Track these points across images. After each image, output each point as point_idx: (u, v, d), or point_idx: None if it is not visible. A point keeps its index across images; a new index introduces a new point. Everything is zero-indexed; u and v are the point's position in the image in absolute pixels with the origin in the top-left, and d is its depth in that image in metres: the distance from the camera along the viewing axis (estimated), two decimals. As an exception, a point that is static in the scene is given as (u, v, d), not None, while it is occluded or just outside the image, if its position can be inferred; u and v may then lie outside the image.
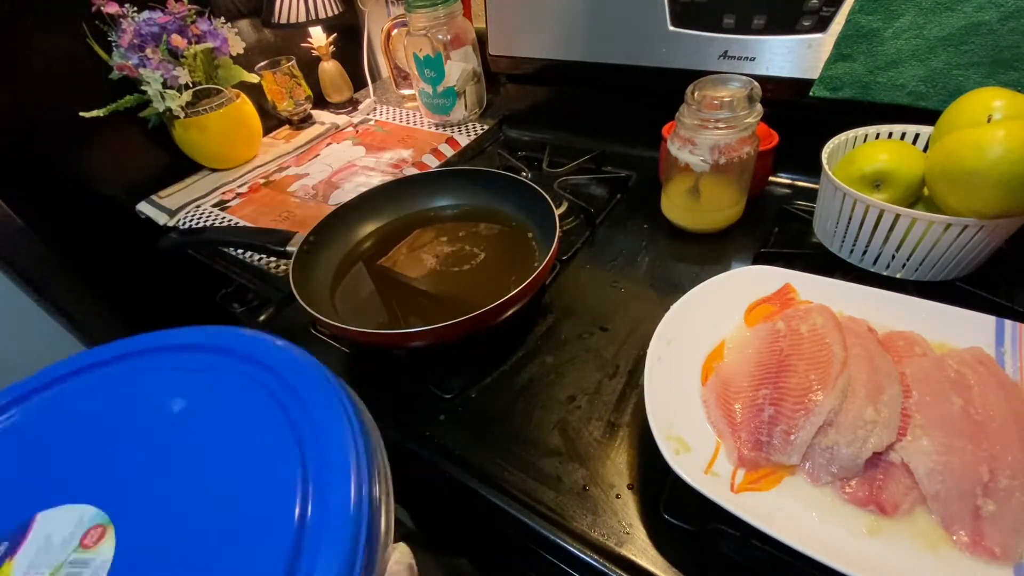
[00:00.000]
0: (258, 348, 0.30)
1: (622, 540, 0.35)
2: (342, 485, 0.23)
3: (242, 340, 0.31)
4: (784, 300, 0.44)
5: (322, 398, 0.27)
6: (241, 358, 0.30)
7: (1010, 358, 0.37)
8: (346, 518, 0.22)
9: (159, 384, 0.30)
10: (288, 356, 0.30)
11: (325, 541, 0.21)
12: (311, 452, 0.24)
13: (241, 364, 0.29)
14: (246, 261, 0.68)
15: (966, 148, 0.39)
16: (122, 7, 0.74)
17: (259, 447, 0.25)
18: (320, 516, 0.22)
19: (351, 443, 0.24)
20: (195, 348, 0.31)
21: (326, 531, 0.21)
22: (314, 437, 0.25)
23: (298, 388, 0.27)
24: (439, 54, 0.82)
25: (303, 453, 0.24)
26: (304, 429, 0.25)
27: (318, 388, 0.27)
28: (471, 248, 0.59)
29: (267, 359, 0.29)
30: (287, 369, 0.29)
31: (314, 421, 0.25)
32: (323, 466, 0.24)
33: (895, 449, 0.33)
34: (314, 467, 0.24)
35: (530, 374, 0.47)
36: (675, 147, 0.55)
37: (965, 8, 0.47)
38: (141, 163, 0.86)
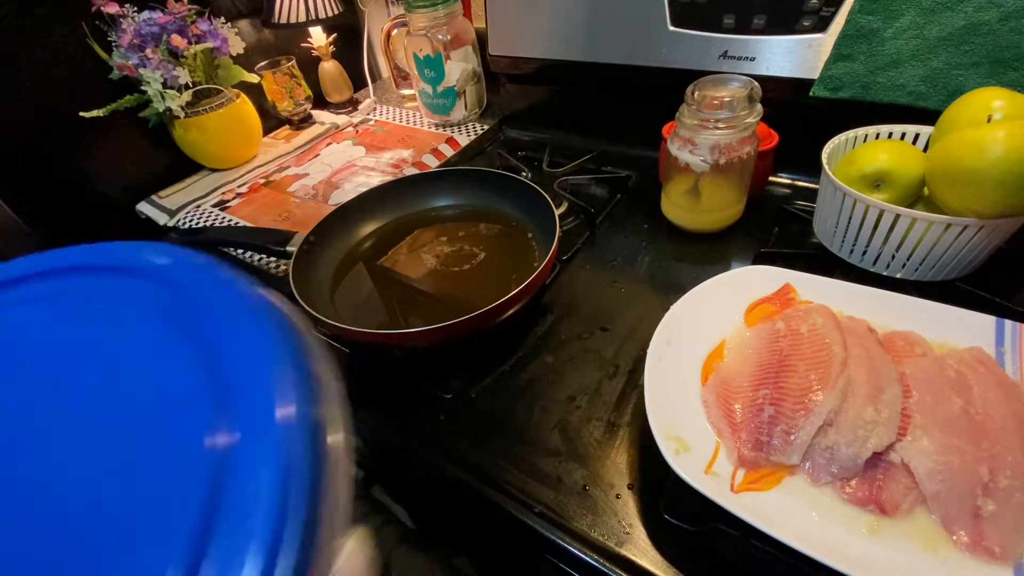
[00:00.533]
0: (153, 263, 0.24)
1: (622, 540, 0.35)
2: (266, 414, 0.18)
3: (122, 254, 0.25)
4: (784, 300, 0.44)
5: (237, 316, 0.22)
6: (136, 276, 0.24)
7: (1010, 358, 0.37)
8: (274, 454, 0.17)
9: (34, 316, 0.24)
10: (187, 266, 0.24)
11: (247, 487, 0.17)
12: (229, 376, 0.19)
13: (129, 281, 0.24)
14: (246, 261, 0.68)
15: (966, 148, 0.39)
16: (122, 7, 0.74)
17: (163, 375, 0.20)
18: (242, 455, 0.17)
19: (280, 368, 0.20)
20: (69, 271, 0.25)
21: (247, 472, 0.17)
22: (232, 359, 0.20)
23: (207, 304, 0.22)
24: (439, 54, 0.82)
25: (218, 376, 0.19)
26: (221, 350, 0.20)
27: (233, 305, 0.22)
28: (471, 248, 0.59)
29: (168, 274, 0.24)
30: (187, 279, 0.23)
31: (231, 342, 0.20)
32: (242, 393, 0.19)
33: (895, 449, 0.33)
34: (234, 392, 0.19)
35: (530, 374, 0.47)
36: (675, 147, 0.55)
37: (965, 8, 0.47)
38: (141, 163, 0.86)
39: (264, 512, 0.16)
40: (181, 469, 0.17)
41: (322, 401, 0.20)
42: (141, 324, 0.22)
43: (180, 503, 0.17)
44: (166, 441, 0.18)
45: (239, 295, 0.23)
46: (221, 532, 0.16)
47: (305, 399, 0.19)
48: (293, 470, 0.17)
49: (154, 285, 0.23)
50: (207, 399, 0.19)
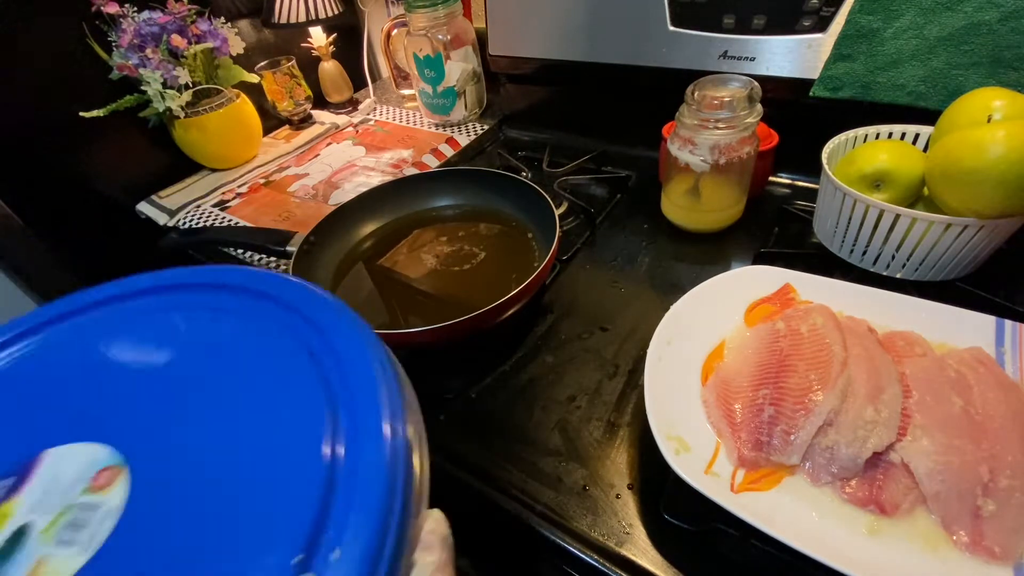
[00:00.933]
0: (285, 290, 0.28)
1: (622, 540, 0.35)
2: (375, 431, 0.21)
3: (259, 279, 0.29)
4: (784, 300, 0.44)
5: (353, 343, 0.25)
6: (266, 299, 0.28)
7: (1010, 358, 0.37)
8: (380, 464, 0.20)
9: (182, 323, 0.28)
10: (315, 297, 0.27)
11: (357, 489, 0.19)
12: (342, 398, 0.22)
13: (266, 305, 0.27)
14: (246, 261, 0.68)
15: (966, 148, 0.39)
16: (122, 7, 0.74)
17: (285, 391, 0.24)
18: (352, 463, 0.20)
19: (384, 391, 0.23)
20: (221, 288, 0.29)
21: (357, 479, 0.19)
22: (345, 384, 0.23)
23: (327, 331, 0.25)
24: (439, 54, 0.82)
25: (333, 399, 0.22)
26: (334, 376, 0.23)
27: (349, 333, 0.25)
28: (471, 248, 0.59)
29: (293, 300, 0.27)
30: (314, 311, 0.26)
31: (345, 368, 0.23)
32: (354, 412, 0.22)
33: (895, 449, 0.33)
34: (345, 414, 0.22)
35: (530, 374, 0.47)
36: (675, 147, 0.55)
37: (965, 8, 0.47)
38: (141, 163, 0.86)
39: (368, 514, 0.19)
40: (302, 472, 0.20)
41: (411, 421, 0.23)
42: (275, 343, 0.26)
43: (298, 505, 0.19)
44: (290, 448, 0.21)
45: (357, 328, 0.26)
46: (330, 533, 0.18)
47: (401, 419, 0.22)
48: (393, 479, 0.20)
49: (285, 311, 0.27)
50: (325, 414, 0.22)
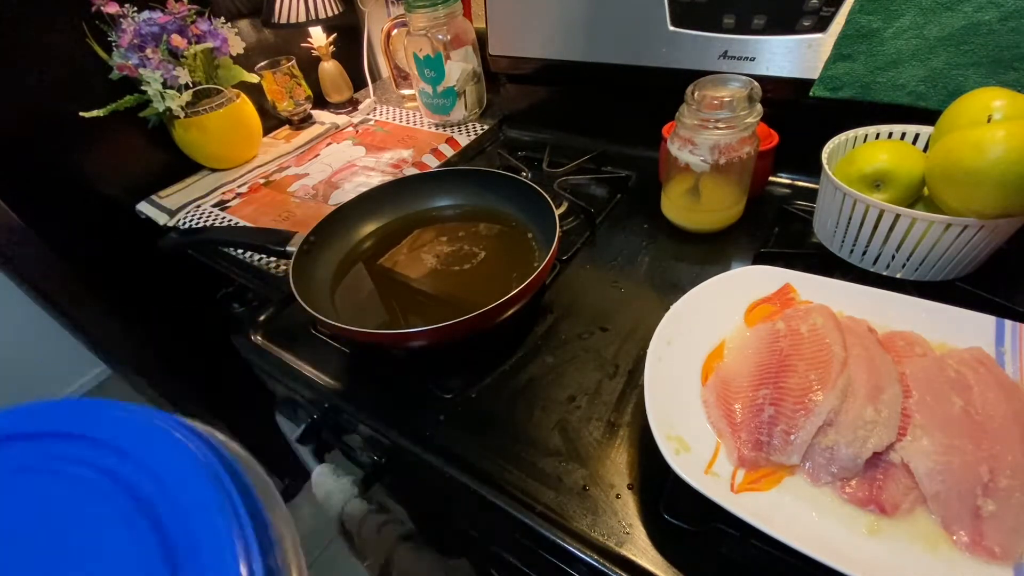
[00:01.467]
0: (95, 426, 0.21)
1: (622, 540, 0.35)
2: None
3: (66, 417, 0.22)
4: (784, 300, 0.44)
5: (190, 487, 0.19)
6: (72, 441, 0.21)
7: (1010, 358, 0.37)
8: None
9: None
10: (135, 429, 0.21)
11: None
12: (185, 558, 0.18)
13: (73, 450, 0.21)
14: (246, 261, 0.68)
15: (966, 148, 0.39)
16: (122, 7, 0.74)
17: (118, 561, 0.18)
18: None
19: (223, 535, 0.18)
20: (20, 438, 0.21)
21: None
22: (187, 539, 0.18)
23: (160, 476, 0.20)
24: (439, 54, 0.82)
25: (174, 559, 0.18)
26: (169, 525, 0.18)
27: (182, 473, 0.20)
28: (471, 248, 0.59)
29: (108, 438, 0.21)
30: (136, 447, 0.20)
31: (184, 519, 0.18)
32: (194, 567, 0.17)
33: (895, 449, 0.33)
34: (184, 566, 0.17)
35: (530, 374, 0.47)
36: (675, 147, 0.55)
37: (965, 8, 0.47)
38: (141, 163, 0.86)
39: None
40: None
41: (277, 550, 0.19)
42: (93, 497, 0.20)
43: None
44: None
45: (180, 452, 0.20)
46: None
47: (260, 554, 0.18)
48: None
49: (100, 451, 0.20)
50: None
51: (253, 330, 0.57)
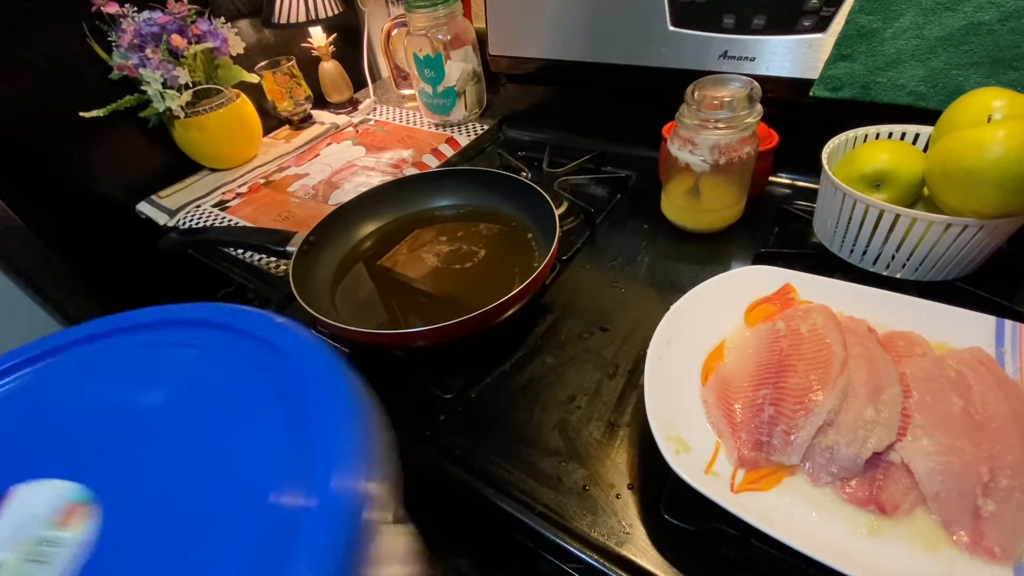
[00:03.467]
0: (261, 326, 0.28)
1: (622, 540, 0.35)
2: (334, 475, 0.21)
3: (245, 318, 0.29)
4: (784, 300, 0.44)
5: (328, 385, 0.25)
6: (243, 335, 0.28)
7: (1010, 358, 0.37)
8: (334, 510, 0.20)
9: (155, 360, 0.28)
10: (290, 335, 0.28)
11: (310, 541, 0.19)
12: (308, 436, 0.23)
13: (243, 342, 0.28)
14: (246, 261, 0.68)
15: (966, 148, 0.39)
16: (122, 7, 0.74)
17: (256, 431, 0.24)
18: (307, 517, 0.20)
19: (352, 431, 0.23)
20: (195, 324, 0.29)
21: (313, 530, 0.20)
22: (313, 422, 0.23)
23: (308, 376, 0.25)
24: (439, 54, 0.82)
25: (299, 436, 0.23)
26: (304, 412, 0.24)
27: (324, 374, 0.26)
28: (471, 248, 0.59)
29: (271, 338, 0.28)
30: (290, 347, 0.27)
31: (314, 405, 0.24)
32: (321, 459, 0.22)
33: (895, 449, 0.33)
34: (310, 453, 0.22)
35: (530, 374, 0.47)
36: (675, 147, 0.55)
37: (965, 8, 0.47)
38: (141, 163, 0.86)
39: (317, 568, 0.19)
40: (259, 519, 0.21)
41: (378, 477, 0.23)
42: (251, 378, 0.26)
43: (245, 555, 0.20)
44: (252, 493, 0.22)
45: (334, 371, 0.27)
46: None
47: (366, 477, 0.22)
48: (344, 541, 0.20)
49: (265, 348, 0.27)
50: (290, 461, 0.22)
51: (253, 330, 0.57)
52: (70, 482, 0.23)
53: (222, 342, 0.28)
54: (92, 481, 0.23)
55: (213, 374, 0.27)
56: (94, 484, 0.23)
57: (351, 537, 0.20)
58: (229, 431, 0.24)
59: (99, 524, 0.22)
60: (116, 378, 0.28)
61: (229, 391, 0.26)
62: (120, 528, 0.21)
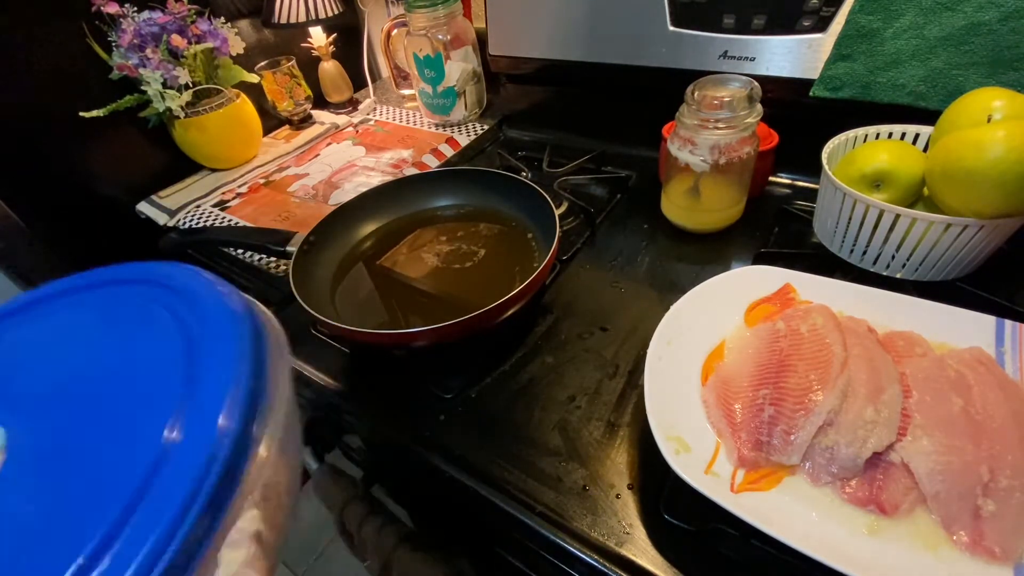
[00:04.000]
0: (170, 277, 0.30)
1: (622, 540, 0.35)
2: (208, 424, 0.22)
3: (156, 271, 0.31)
4: (784, 300, 0.44)
5: (220, 324, 0.27)
6: (152, 285, 0.30)
7: (1010, 358, 0.37)
8: (204, 449, 0.21)
9: (61, 316, 0.31)
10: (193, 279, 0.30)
11: (176, 476, 0.21)
12: (196, 379, 0.24)
13: (150, 290, 0.30)
14: (246, 261, 0.68)
15: (966, 148, 0.39)
16: (122, 7, 0.74)
17: (151, 365, 0.26)
18: (178, 453, 0.22)
19: (237, 373, 0.24)
20: (111, 282, 0.32)
21: (180, 464, 0.21)
22: (204, 364, 0.25)
23: (203, 315, 0.27)
24: (439, 54, 0.82)
25: (191, 376, 0.24)
26: (197, 352, 0.25)
27: (219, 313, 0.27)
28: (471, 248, 0.59)
29: (169, 281, 0.30)
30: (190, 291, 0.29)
31: (207, 350, 0.25)
32: (202, 396, 0.23)
33: (895, 449, 0.33)
34: (194, 396, 0.24)
35: (530, 374, 0.47)
36: (675, 147, 0.55)
37: (965, 8, 0.47)
38: (141, 163, 0.86)
39: (173, 512, 0.20)
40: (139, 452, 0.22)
41: (262, 417, 0.24)
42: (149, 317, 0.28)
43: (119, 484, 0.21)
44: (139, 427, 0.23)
45: (225, 304, 0.28)
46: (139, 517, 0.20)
47: (245, 418, 0.23)
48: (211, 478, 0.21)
49: (165, 291, 0.29)
50: (178, 396, 0.24)
51: (253, 330, 0.57)
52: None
53: (128, 294, 0.30)
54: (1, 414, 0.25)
55: (119, 319, 0.30)
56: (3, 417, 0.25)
57: (214, 474, 0.21)
58: (125, 364, 0.27)
59: (3, 449, 0.24)
60: (27, 332, 0.30)
61: (131, 332, 0.28)
62: (21, 453, 0.24)
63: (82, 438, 0.24)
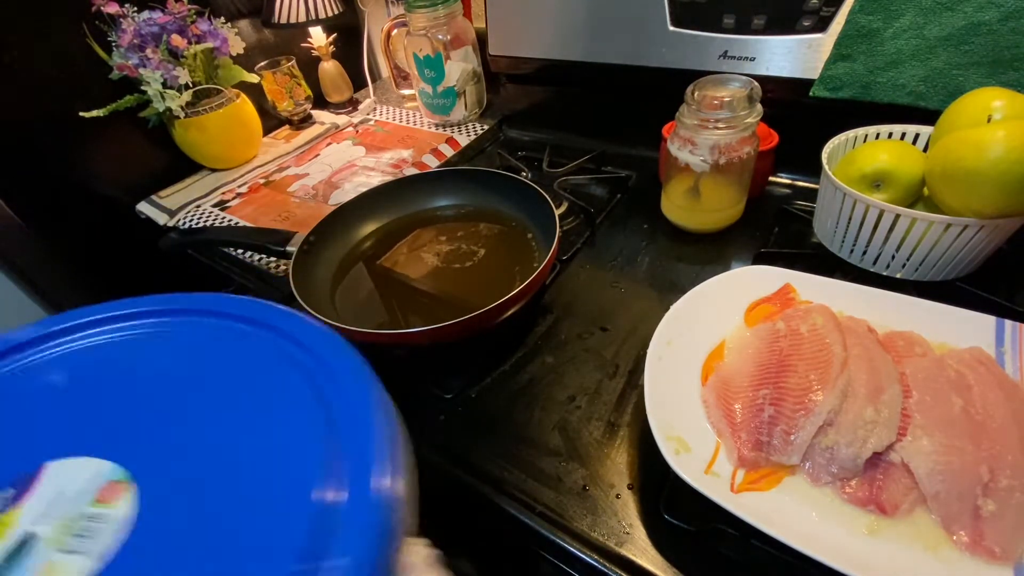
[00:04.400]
0: (294, 326, 0.29)
1: (622, 540, 0.35)
2: (370, 473, 0.22)
3: (278, 315, 0.30)
4: (784, 300, 0.44)
5: (354, 381, 0.26)
6: (275, 332, 0.29)
7: (1010, 358, 0.37)
8: (369, 507, 0.21)
9: (191, 345, 0.29)
10: (322, 336, 0.29)
11: (346, 529, 0.20)
12: (341, 435, 0.24)
13: (275, 338, 0.29)
14: (246, 261, 0.68)
15: (966, 148, 0.39)
16: (122, 7, 0.74)
17: (289, 423, 0.25)
18: (345, 502, 0.21)
19: (382, 432, 0.24)
20: (231, 316, 0.30)
21: (349, 518, 0.21)
22: (345, 421, 0.24)
23: (332, 368, 0.27)
24: (439, 54, 0.82)
25: (333, 434, 0.24)
26: (336, 411, 0.24)
27: (351, 372, 0.27)
28: (471, 248, 0.59)
29: (302, 337, 0.29)
30: (321, 348, 0.28)
31: (346, 404, 0.25)
32: (352, 451, 0.23)
33: (895, 449, 0.33)
34: (343, 451, 0.23)
35: (530, 374, 0.47)
36: (675, 147, 0.55)
37: (965, 8, 0.47)
38: (141, 163, 0.86)
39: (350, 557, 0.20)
40: (293, 512, 0.21)
41: (402, 467, 0.24)
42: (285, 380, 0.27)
43: (284, 545, 0.20)
44: (287, 487, 0.22)
45: (363, 377, 0.27)
46: None
47: (392, 472, 0.23)
48: (378, 530, 0.21)
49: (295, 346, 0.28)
50: (324, 457, 0.23)
51: (253, 330, 0.57)
52: (106, 460, 0.23)
53: (256, 336, 0.29)
54: (127, 461, 0.23)
55: (247, 367, 0.28)
56: (129, 465, 0.23)
57: (385, 532, 0.21)
58: (262, 422, 0.25)
59: (137, 504, 0.22)
60: (144, 359, 0.28)
61: (262, 384, 0.27)
62: (157, 510, 0.22)
63: (225, 493, 0.22)
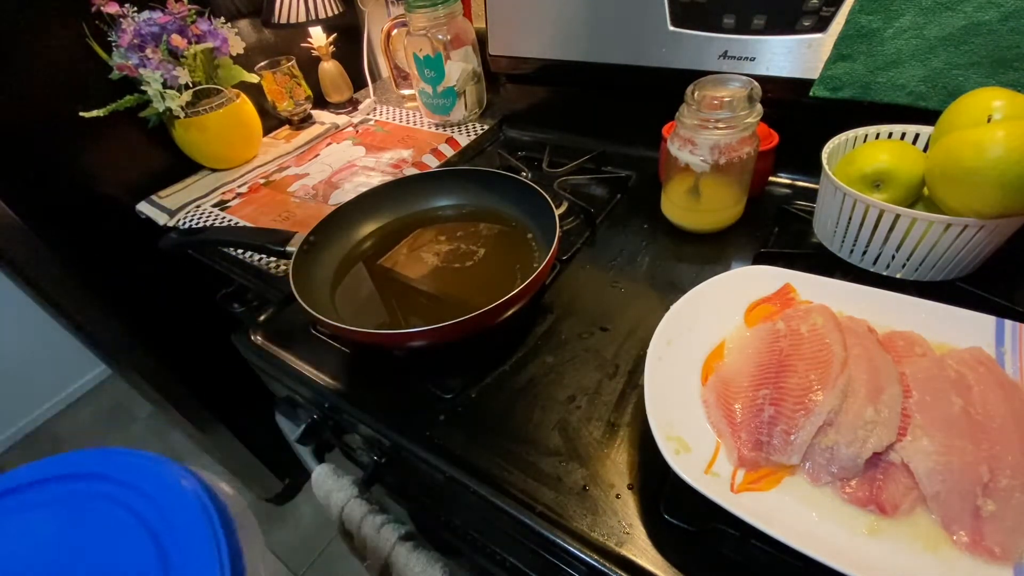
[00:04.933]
0: (113, 466, 0.28)
1: (622, 540, 0.35)
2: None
3: (117, 464, 0.29)
4: (784, 300, 0.44)
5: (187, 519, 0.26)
6: (113, 483, 0.28)
7: (1010, 358, 0.37)
8: None
9: (17, 519, 0.27)
10: (145, 470, 0.28)
11: None
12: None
13: (93, 485, 0.28)
14: (246, 261, 0.68)
15: (966, 148, 0.39)
16: (122, 7, 0.74)
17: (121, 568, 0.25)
18: None
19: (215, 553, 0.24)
20: (63, 479, 0.29)
21: None
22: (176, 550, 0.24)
23: (157, 500, 0.26)
24: (439, 54, 0.82)
25: None
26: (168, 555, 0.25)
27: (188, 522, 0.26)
28: (471, 248, 0.59)
29: (120, 475, 0.28)
30: (146, 484, 0.27)
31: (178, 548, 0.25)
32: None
33: (895, 449, 0.33)
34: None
35: (530, 374, 0.47)
36: (675, 147, 0.55)
37: (965, 8, 0.47)
38: (141, 163, 0.86)
39: None
40: None
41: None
42: (111, 523, 0.26)
43: None
44: None
45: (188, 498, 0.27)
46: None
47: None
48: None
49: (120, 489, 0.27)
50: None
51: (253, 330, 0.57)
52: None
53: (75, 493, 0.28)
54: None
55: (81, 534, 0.27)
56: None
57: None
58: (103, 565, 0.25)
59: None
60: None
61: (92, 541, 0.26)
62: None
63: None
